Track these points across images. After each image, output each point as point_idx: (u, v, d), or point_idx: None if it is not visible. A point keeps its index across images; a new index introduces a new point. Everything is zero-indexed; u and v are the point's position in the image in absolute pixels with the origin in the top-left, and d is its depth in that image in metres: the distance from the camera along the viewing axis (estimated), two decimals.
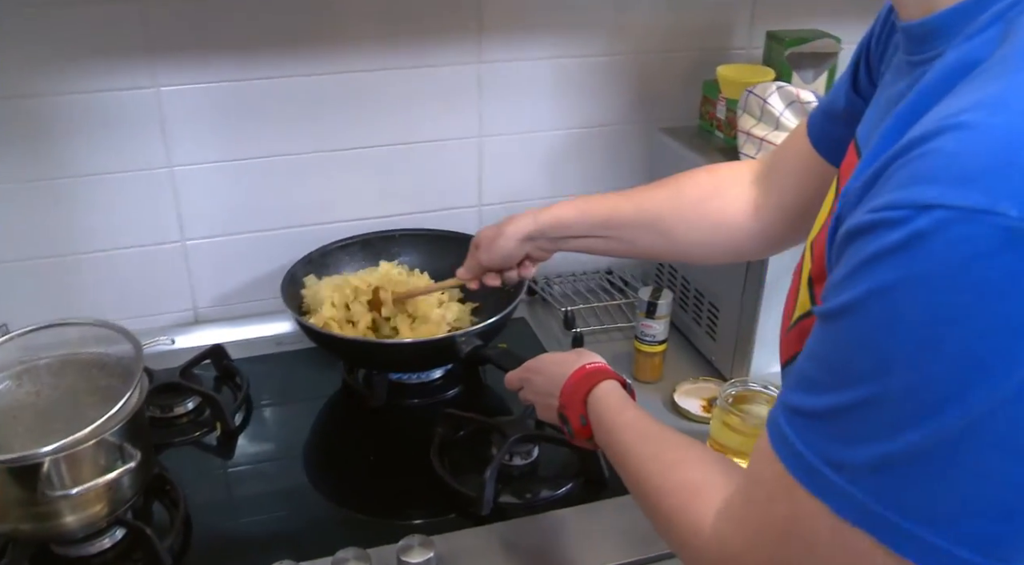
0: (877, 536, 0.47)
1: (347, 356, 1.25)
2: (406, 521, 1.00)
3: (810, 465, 0.50)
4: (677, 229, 0.96)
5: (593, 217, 1.00)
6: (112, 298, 1.31)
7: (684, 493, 0.65)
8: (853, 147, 0.66)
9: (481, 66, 1.34)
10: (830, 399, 0.48)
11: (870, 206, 0.46)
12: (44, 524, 0.89)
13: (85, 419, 0.97)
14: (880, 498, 0.46)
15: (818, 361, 0.50)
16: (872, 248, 0.45)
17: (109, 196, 1.25)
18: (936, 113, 0.46)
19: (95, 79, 1.18)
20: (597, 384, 0.84)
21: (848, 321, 0.46)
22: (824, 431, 0.49)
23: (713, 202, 0.95)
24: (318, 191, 1.36)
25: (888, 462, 0.46)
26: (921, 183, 0.43)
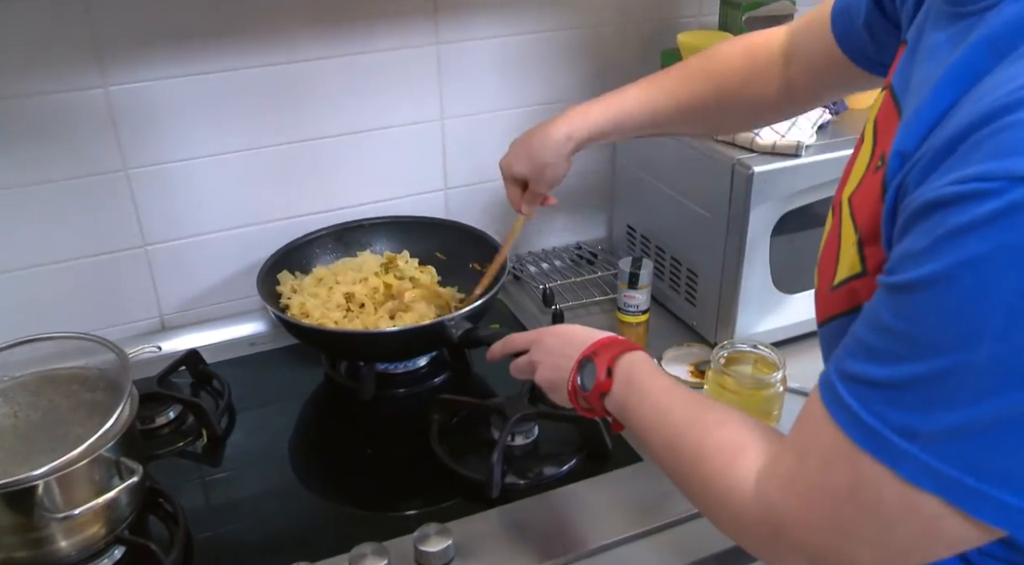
0: (951, 500, 0.48)
1: (334, 349, 1.22)
2: (416, 511, 0.98)
3: (878, 433, 0.50)
4: (720, 117, 0.99)
5: (635, 122, 1.01)
6: (72, 311, 1.25)
7: (726, 454, 0.64)
8: (889, 96, 0.65)
9: (440, 47, 1.32)
10: (906, 369, 0.48)
11: (954, 177, 0.46)
12: (40, 550, 0.84)
13: (72, 437, 0.93)
14: (957, 463, 0.47)
15: (888, 332, 0.50)
16: (961, 219, 0.45)
17: (62, 204, 1.19)
18: (1015, 79, 0.46)
19: (39, 81, 1.11)
20: (632, 349, 0.82)
21: (933, 292, 0.46)
22: (897, 401, 0.49)
23: (750, 88, 0.95)
24: (282, 186, 1.32)
25: (968, 429, 0.46)
26: (1013, 154, 0.43)
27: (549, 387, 0.88)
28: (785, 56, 0.94)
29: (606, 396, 0.80)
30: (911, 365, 0.48)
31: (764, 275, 1.18)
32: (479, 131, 1.41)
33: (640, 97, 1.00)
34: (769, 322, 1.22)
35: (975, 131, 0.46)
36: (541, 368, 0.88)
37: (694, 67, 0.99)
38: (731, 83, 0.96)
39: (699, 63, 0.99)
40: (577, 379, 0.83)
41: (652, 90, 1.00)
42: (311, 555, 0.88)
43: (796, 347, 1.20)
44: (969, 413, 0.46)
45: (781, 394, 1.06)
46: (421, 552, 0.88)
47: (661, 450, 0.72)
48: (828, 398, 0.54)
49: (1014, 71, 0.47)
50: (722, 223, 1.17)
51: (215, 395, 1.20)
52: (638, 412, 0.76)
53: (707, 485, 0.65)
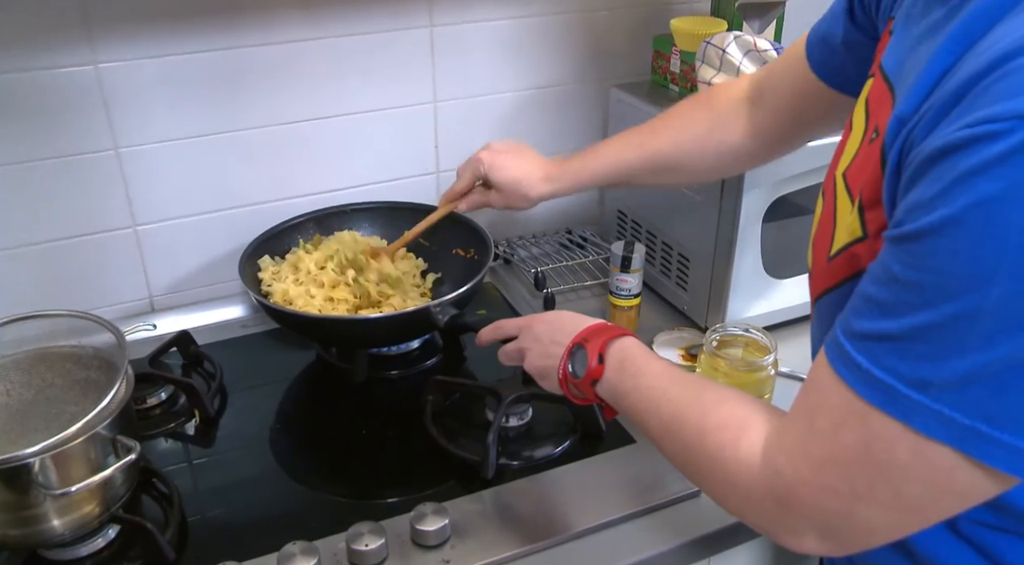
0: (963, 448, 0.48)
1: (320, 336, 1.22)
2: (411, 491, 0.98)
3: (889, 387, 0.50)
4: (685, 167, 1.04)
5: (605, 175, 1.08)
6: (61, 291, 1.24)
7: (729, 431, 0.65)
8: (880, 77, 0.66)
9: (433, 30, 1.32)
10: (917, 318, 0.49)
11: (962, 123, 0.46)
12: (34, 528, 0.83)
13: (66, 415, 0.93)
14: (970, 411, 0.48)
15: (898, 283, 0.50)
16: (970, 162, 0.45)
17: (51, 183, 1.18)
18: (1017, 30, 0.47)
19: (27, 57, 1.10)
20: (623, 335, 0.82)
21: (944, 237, 0.47)
22: (908, 352, 0.49)
23: (715, 135, 1.00)
24: (272, 167, 1.31)
25: (980, 375, 0.47)
26: (1020, 95, 0.44)
27: (539, 374, 0.88)
28: (750, 101, 0.99)
29: (598, 383, 0.80)
30: (922, 314, 0.48)
31: (755, 260, 1.19)
32: (472, 114, 1.41)
33: (614, 154, 1.07)
34: (760, 307, 1.23)
35: (982, 79, 0.47)
36: (530, 355, 0.88)
37: (660, 122, 1.06)
38: (695, 134, 1.02)
39: (665, 118, 1.06)
40: (568, 366, 0.83)
41: (624, 147, 1.07)
42: (307, 535, 0.88)
43: (786, 332, 1.21)
44: (981, 357, 0.47)
45: (772, 377, 1.07)
46: (418, 531, 0.88)
47: (660, 432, 0.72)
48: (836, 359, 0.55)
49: (1015, 23, 0.48)
50: (714, 208, 1.17)
51: (207, 376, 1.19)
52: (633, 395, 0.76)
53: (713, 463, 0.65)
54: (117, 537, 0.92)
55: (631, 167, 1.05)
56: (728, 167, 1.05)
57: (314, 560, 0.84)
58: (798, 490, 0.58)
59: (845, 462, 0.54)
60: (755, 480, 0.61)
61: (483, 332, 0.97)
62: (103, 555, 0.90)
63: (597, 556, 0.90)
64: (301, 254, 1.25)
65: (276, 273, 1.23)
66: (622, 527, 0.94)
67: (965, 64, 0.50)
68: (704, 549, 0.94)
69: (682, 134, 1.02)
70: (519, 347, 0.90)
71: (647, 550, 0.91)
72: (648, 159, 1.04)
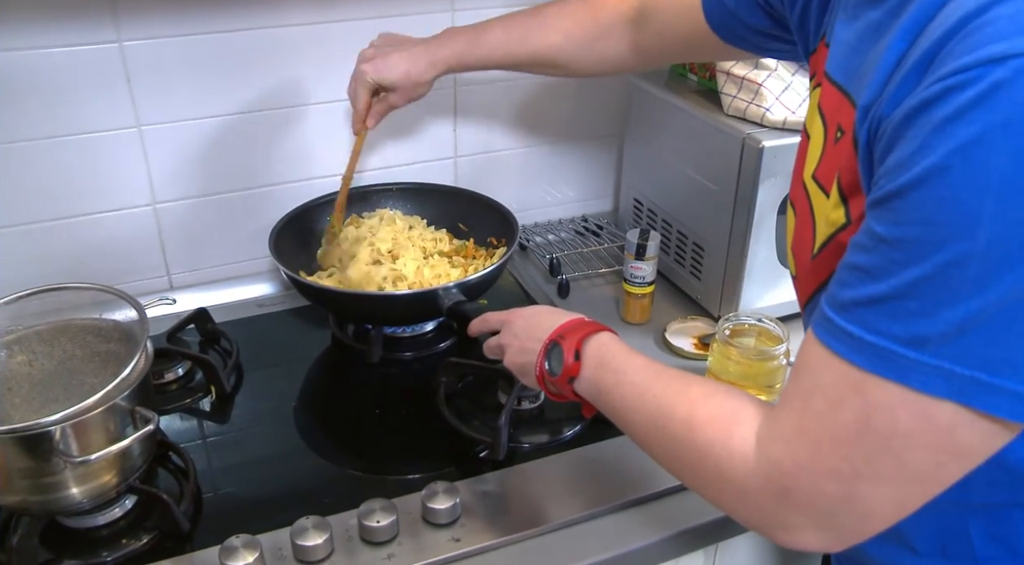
0: (964, 400, 0.48)
1: (335, 309, 1.24)
2: (423, 470, 0.99)
3: (884, 350, 0.50)
4: (568, 66, 1.10)
5: (492, 61, 1.11)
6: (80, 266, 1.25)
7: (719, 424, 0.63)
8: (830, 85, 0.66)
9: (455, 14, 1.32)
10: (907, 274, 0.48)
11: (932, 78, 0.47)
12: (54, 495, 0.85)
13: (87, 386, 0.94)
14: (968, 361, 0.48)
15: (883, 243, 0.50)
16: (945, 112, 0.46)
17: (73, 160, 1.19)
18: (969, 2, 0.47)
19: (53, 34, 1.11)
20: (599, 330, 0.81)
21: (927, 187, 0.47)
22: (900, 311, 0.49)
23: (599, 43, 1.07)
24: (292, 148, 1.32)
25: (975, 322, 0.47)
26: (988, 44, 0.44)
27: (518, 371, 0.87)
28: (634, 21, 1.04)
29: (575, 380, 0.79)
30: (912, 269, 0.48)
31: (769, 251, 1.20)
32: (491, 99, 1.42)
33: (500, 46, 1.10)
34: (772, 297, 1.23)
35: (946, 42, 0.47)
36: (509, 352, 0.88)
37: (545, 16, 1.09)
38: (577, 38, 1.07)
39: (550, 14, 1.09)
40: (545, 364, 0.82)
41: (509, 39, 1.10)
42: (320, 511, 0.89)
43: (799, 323, 1.20)
44: (974, 304, 0.47)
45: (784, 367, 1.07)
46: (429, 509, 0.90)
47: (645, 429, 0.71)
48: (826, 334, 0.54)
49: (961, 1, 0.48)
50: (730, 197, 1.18)
51: (223, 354, 1.21)
52: (615, 393, 0.75)
53: (703, 459, 0.63)
54: (134, 507, 0.94)
55: (515, 59, 1.10)
56: (607, 71, 1.11)
57: (326, 535, 0.85)
58: (796, 477, 0.57)
59: (845, 439, 0.54)
60: (750, 473, 0.59)
61: (473, 324, 0.97)
62: (120, 524, 0.92)
63: (606, 540, 0.91)
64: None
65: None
66: (631, 511, 0.94)
67: (921, 41, 0.50)
68: (716, 535, 0.95)
69: (565, 36, 1.07)
70: (499, 343, 0.90)
71: (656, 534, 0.91)
72: (531, 54, 1.09)
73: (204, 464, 1.01)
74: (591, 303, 1.33)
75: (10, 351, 0.94)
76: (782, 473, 0.57)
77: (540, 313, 0.88)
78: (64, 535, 0.91)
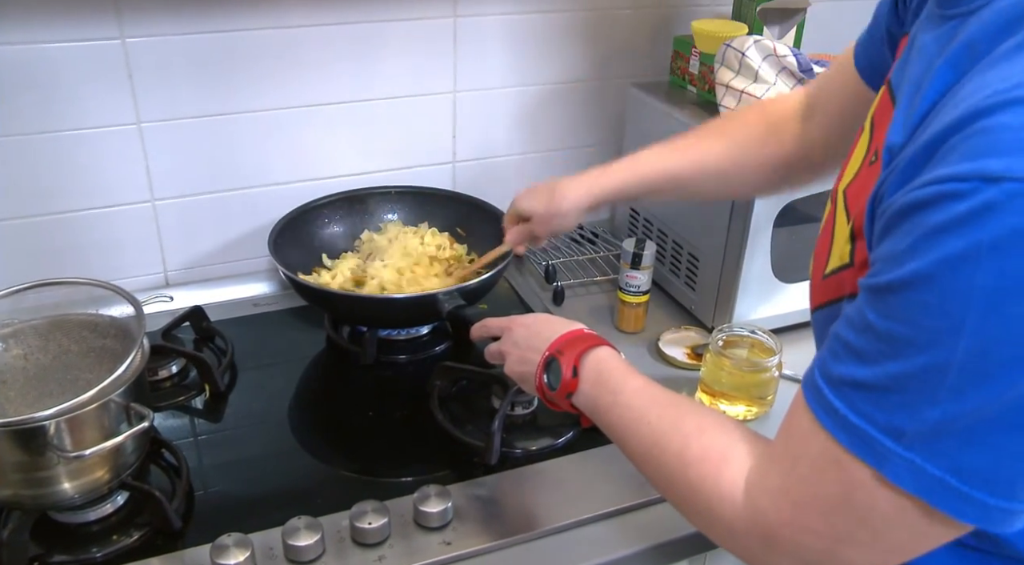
0: (931, 500, 0.50)
1: (332, 310, 1.24)
2: (415, 473, 1.00)
3: (864, 434, 0.51)
4: (737, 176, 0.99)
5: (652, 182, 1.02)
6: (77, 261, 1.26)
7: (710, 462, 0.64)
8: (886, 90, 0.67)
9: (457, 20, 1.33)
10: (890, 368, 0.50)
11: (930, 178, 0.48)
12: (47, 489, 0.85)
13: (82, 382, 0.95)
14: (940, 462, 0.49)
15: (872, 331, 0.51)
16: (937, 219, 0.47)
17: (72, 155, 1.19)
18: (991, 85, 0.48)
19: (56, 29, 1.11)
20: (598, 345, 0.82)
21: (914, 291, 0.48)
22: (882, 400, 0.50)
23: (768, 147, 0.96)
24: (292, 149, 1.32)
25: (950, 426, 0.48)
26: (986, 156, 0.45)
27: (518, 379, 0.88)
28: (803, 113, 0.96)
29: (573, 395, 0.80)
30: (895, 363, 0.49)
31: (764, 263, 1.21)
32: (491, 106, 1.43)
33: (655, 159, 1.02)
34: (767, 309, 1.24)
35: (951, 136, 0.48)
36: (510, 360, 0.88)
37: (709, 128, 1.02)
38: (746, 141, 0.98)
39: (714, 125, 1.02)
40: (544, 377, 0.83)
41: (667, 151, 1.02)
42: (312, 511, 0.89)
43: (793, 335, 1.22)
44: (951, 409, 0.48)
45: (776, 379, 1.08)
46: (420, 512, 0.90)
47: (641, 455, 0.72)
48: (815, 403, 0.55)
49: (988, 78, 0.49)
50: (726, 209, 1.19)
51: (218, 352, 1.21)
52: (612, 414, 0.76)
53: (695, 494, 0.65)
54: (125, 504, 0.93)
55: (680, 173, 1.00)
56: (775, 181, 1.00)
57: (318, 535, 0.85)
58: (780, 531, 0.58)
59: (826, 508, 0.55)
60: (737, 516, 0.61)
61: (473, 329, 0.98)
62: (111, 520, 0.92)
63: (596, 547, 0.91)
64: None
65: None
66: (622, 519, 0.95)
67: (940, 114, 0.51)
68: (704, 545, 0.96)
69: (735, 144, 0.98)
70: (499, 350, 0.91)
71: (644, 543, 0.92)
72: (697, 166, 0.99)
73: (197, 462, 1.01)
74: (586, 311, 1.33)
75: (6, 345, 0.94)
76: (768, 523, 0.59)
77: (540, 322, 0.88)
78: (55, 530, 0.91)
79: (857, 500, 0.53)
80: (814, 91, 0.96)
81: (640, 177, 1.02)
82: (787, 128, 0.96)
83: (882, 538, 0.54)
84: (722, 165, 0.99)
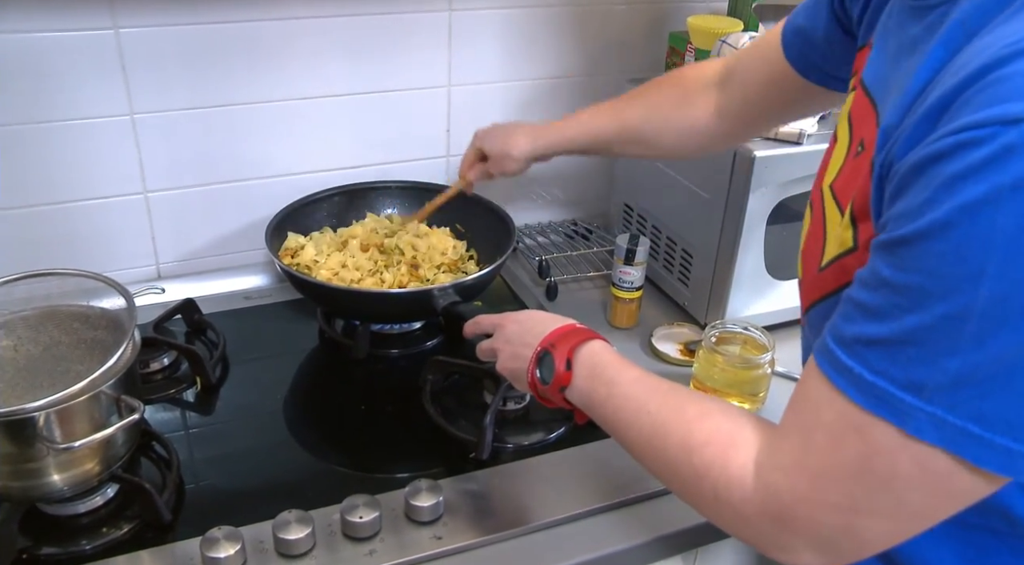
0: (955, 450, 0.49)
1: (329, 305, 1.24)
2: (406, 467, 0.99)
3: (883, 391, 0.51)
4: (654, 139, 1.07)
5: (583, 140, 1.12)
6: (68, 252, 1.25)
7: (718, 446, 0.63)
8: (861, 92, 0.67)
9: (452, 14, 1.32)
10: (908, 321, 0.49)
11: (946, 130, 0.47)
12: (36, 481, 0.85)
13: (72, 373, 0.94)
14: (962, 412, 0.48)
15: (888, 286, 0.51)
16: (955, 168, 0.46)
17: (64, 145, 1.18)
18: (997, 42, 0.48)
19: (49, 18, 1.11)
20: (591, 338, 0.81)
21: (933, 240, 0.47)
22: (900, 355, 0.50)
23: (682, 110, 1.04)
24: (285, 142, 1.32)
25: (972, 375, 0.48)
26: (1005, 101, 0.45)
27: (510, 376, 0.87)
28: (719, 82, 1.01)
29: (567, 389, 0.79)
30: (913, 316, 0.49)
31: (758, 260, 1.21)
32: (485, 101, 1.42)
33: (588, 121, 1.12)
34: (759, 306, 1.24)
35: (963, 91, 0.48)
36: (502, 357, 0.87)
37: (633, 95, 1.10)
38: (662, 108, 1.06)
39: (637, 91, 1.10)
40: (536, 372, 0.82)
41: (599, 115, 1.11)
42: (302, 505, 0.89)
43: (785, 332, 1.22)
44: (972, 358, 0.47)
45: (768, 376, 1.08)
46: (412, 507, 0.90)
47: (641, 446, 0.71)
48: (828, 366, 0.55)
49: (992, 39, 0.49)
50: (720, 205, 1.19)
51: (210, 345, 1.20)
52: (608, 405, 0.75)
53: (701, 481, 0.64)
54: (115, 496, 0.93)
55: (604, 135, 1.10)
56: (692, 146, 1.07)
57: (308, 529, 0.85)
58: (796, 508, 0.57)
59: (846, 476, 0.54)
60: (748, 499, 0.60)
61: (466, 325, 0.97)
62: (101, 513, 0.92)
63: (588, 542, 0.91)
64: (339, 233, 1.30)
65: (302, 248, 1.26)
66: (612, 514, 0.95)
67: (944, 78, 0.51)
68: (696, 539, 0.96)
69: (652, 109, 1.06)
70: (491, 347, 0.90)
71: (638, 538, 0.92)
72: (618, 129, 1.08)
73: (187, 455, 1.01)
74: (579, 306, 1.33)
75: None
76: (781, 502, 0.58)
77: (532, 318, 0.87)
78: (44, 522, 0.90)
79: (877, 464, 0.52)
80: (733, 62, 1.01)
81: (575, 137, 1.13)
82: (701, 95, 1.02)
83: (902, 503, 0.53)
84: (641, 129, 1.07)
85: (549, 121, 1.16)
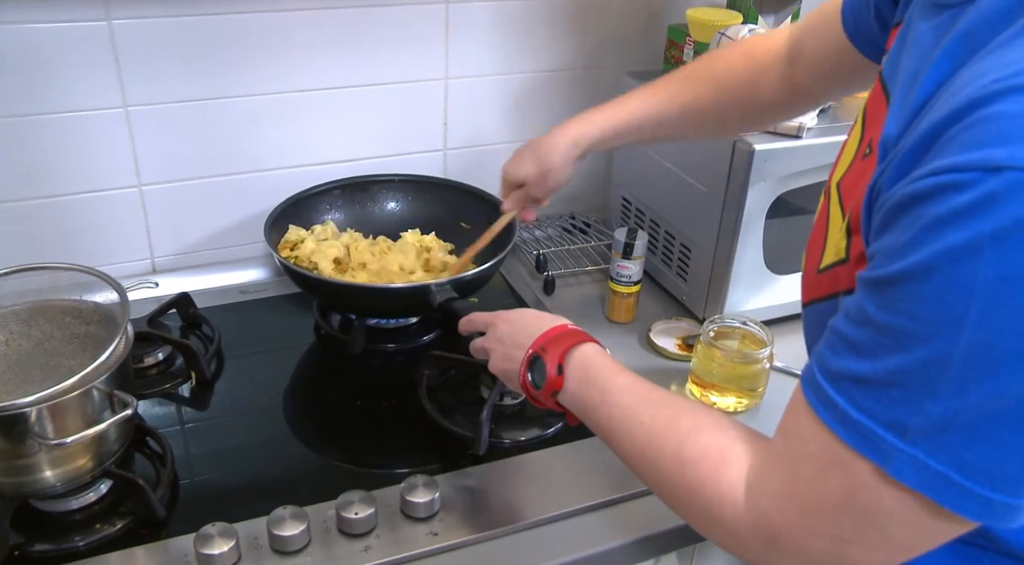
0: (934, 496, 0.49)
1: (326, 298, 1.23)
2: (402, 463, 0.99)
3: (866, 429, 0.50)
4: (724, 119, 1.01)
5: (639, 127, 1.02)
6: (61, 246, 1.24)
7: (710, 462, 0.63)
8: (879, 83, 0.66)
9: (449, 6, 1.31)
10: (891, 362, 0.49)
11: (929, 169, 0.47)
12: (28, 478, 0.84)
13: (64, 368, 0.93)
14: (943, 458, 0.48)
15: (871, 325, 0.50)
16: (938, 211, 0.46)
17: (57, 138, 1.17)
18: (989, 73, 0.47)
19: (40, 9, 1.09)
20: (583, 342, 0.80)
21: (915, 283, 0.47)
22: (884, 395, 0.49)
23: (754, 91, 0.97)
24: (281, 135, 1.31)
25: (953, 421, 0.47)
26: (987, 146, 0.44)
27: (503, 376, 0.87)
28: (788, 57, 0.95)
29: (559, 393, 0.79)
30: (896, 357, 0.49)
31: (757, 254, 1.20)
32: (482, 93, 1.41)
33: (642, 103, 1.02)
34: (758, 301, 1.24)
35: (949, 126, 0.47)
36: (494, 357, 0.87)
37: (695, 71, 1.02)
38: (733, 85, 0.98)
39: (699, 67, 1.02)
40: (528, 375, 0.81)
41: (654, 96, 1.02)
42: (297, 501, 0.88)
43: (784, 327, 1.21)
44: (954, 404, 0.47)
45: (767, 371, 1.08)
46: (408, 502, 0.89)
47: (634, 456, 0.71)
48: (815, 399, 0.54)
49: (986, 66, 0.48)
50: (719, 199, 1.18)
51: (205, 340, 1.19)
52: (601, 412, 0.74)
53: (694, 496, 0.64)
54: (109, 492, 0.92)
55: (661, 117, 1.01)
56: (754, 121, 1.03)
57: (303, 525, 0.85)
58: (787, 532, 0.57)
59: (831, 509, 0.54)
60: (739, 518, 0.60)
61: (461, 323, 0.96)
62: (94, 509, 0.91)
63: (584, 538, 0.90)
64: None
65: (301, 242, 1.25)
66: (610, 510, 0.94)
67: (936, 105, 0.50)
68: (693, 536, 0.95)
69: (721, 84, 0.99)
70: (483, 346, 0.89)
71: (634, 535, 0.91)
72: (682, 110, 1.00)
73: (182, 450, 1.00)
74: (576, 301, 1.32)
75: None
76: (772, 525, 0.58)
77: (525, 318, 0.86)
78: (37, 518, 0.89)
79: (861, 499, 0.52)
80: (798, 35, 0.95)
81: (627, 123, 1.02)
82: (774, 71, 0.96)
83: (888, 537, 0.53)
84: (710, 109, 1.00)
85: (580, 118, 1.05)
